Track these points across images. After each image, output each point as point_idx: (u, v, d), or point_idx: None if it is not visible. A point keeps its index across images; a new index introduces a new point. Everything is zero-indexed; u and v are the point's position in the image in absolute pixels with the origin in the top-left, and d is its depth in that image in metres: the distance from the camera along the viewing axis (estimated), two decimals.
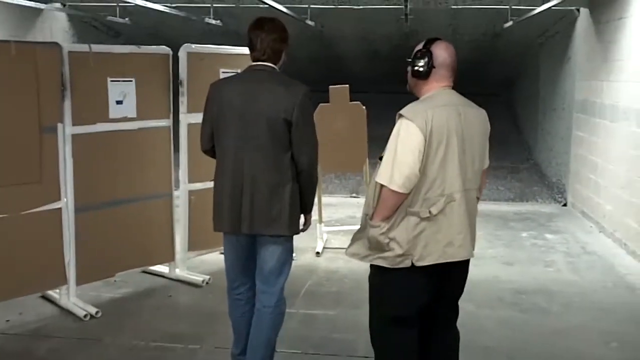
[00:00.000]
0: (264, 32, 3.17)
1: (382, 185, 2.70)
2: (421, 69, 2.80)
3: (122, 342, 3.92)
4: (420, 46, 2.85)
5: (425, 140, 2.66)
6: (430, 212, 2.69)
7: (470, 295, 4.78)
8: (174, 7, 7.82)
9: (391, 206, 2.71)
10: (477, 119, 2.85)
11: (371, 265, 2.87)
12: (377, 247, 2.76)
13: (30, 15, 8.32)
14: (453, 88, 2.86)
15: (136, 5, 7.23)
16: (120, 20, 8.58)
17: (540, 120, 9.65)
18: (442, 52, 2.81)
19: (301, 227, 3.34)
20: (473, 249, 2.90)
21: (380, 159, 2.75)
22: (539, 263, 5.75)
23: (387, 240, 2.73)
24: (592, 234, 6.75)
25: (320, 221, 6.02)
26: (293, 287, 4.64)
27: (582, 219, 7.31)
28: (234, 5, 8.15)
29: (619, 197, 6.20)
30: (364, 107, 5.76)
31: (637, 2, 5.85)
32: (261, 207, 3.12)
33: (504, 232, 6.79)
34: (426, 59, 2.79)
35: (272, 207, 3.12)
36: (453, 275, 2.88)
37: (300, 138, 3.13)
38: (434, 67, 2.79)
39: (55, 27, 8.94)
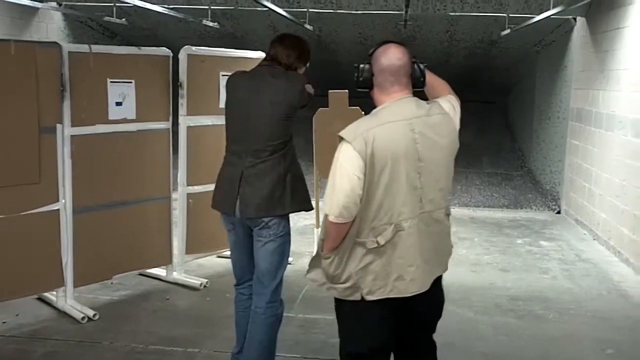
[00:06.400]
0: (281, 46, 3.31)
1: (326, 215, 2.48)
2: (360, 79, 2.52)
3: (120, 345, 3.89)
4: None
5: (366, 165, 2.37)
6: (377, 242, 2.44)
7: (467, 302, 4.84)
8: (171, 9, 7.79)
9: (334, 236, 2.49)
10: (440, 128, 2.53)
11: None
12: (329, 278, 2.57)
13: (25, 14, 8.28)
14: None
15: (134, 5, 7.20)
16: (117, 20, 8.56)
17: (535, 128, 9.70)
18: (381, 57, 2.49)
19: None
20: (444, 269, 2.67)
21: None
22: (534, 270, 5.78)
23: (337, 272, 2.52)
24: (586, 241, 6.78)
25: (317, 225, 6.00)
26: (291, 291, 4.64)
27: (576, 227, 7.34)
28: (232, 7, 8.14)
29: (614, 206, 6.24)
30: (363, 113, 5.75)
31: (635, 12, 5.89)
32: (260, 196, 3.17)
33: (499, 238, 6.81)
34: (362, 67, 2.52)
35: (272, 196, 3.18)
36: (418, 305, 2.59)
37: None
38: (373, 75, 2.50)
39: (51, 26, 8.90)
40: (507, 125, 11.99)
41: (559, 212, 8.09)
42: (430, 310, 2.72)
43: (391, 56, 2.48)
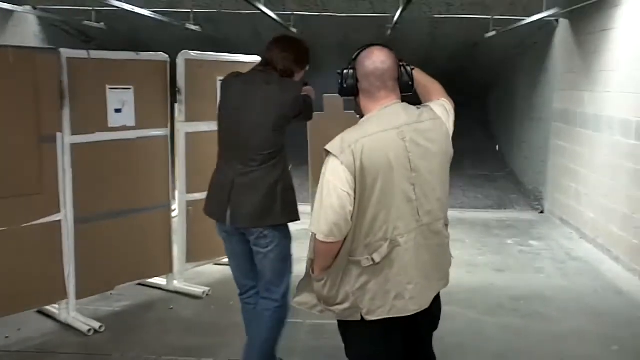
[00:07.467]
0: (277, 48, 3.22)
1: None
2: (345, 85, 2.42)
3: (133, 357, 3.81)
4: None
5: (355, 179, 2.24)
6: (372, 259, 2.31)
7: (471, 303, 4.87)
8: (154, 12, 7.69)
9: (325, 256, 2.34)
10: (432, 134, 2.38)
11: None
12: (323, 300, 2.43)
13: (0, 18, 8.08)
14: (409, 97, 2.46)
15: (114, 9, 7.07)
16: (96, 25, 8.41)
17: (516, 130, 9.82)
18: (365, 60, 2.37)
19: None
20: (446, 283, 2.55)
21: None
22: (529, 269, 5.85)
23: (332, 293, 2.38)
24: (573, 240, 6.89)
25: None
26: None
27: (562, 226, 7.45)
28: (215, 10, 8.07)
29: (602, 205, 6.35)
30: (358, 116, 5.74)
31: (622, 15, 6.01)
32: (251, 206, 3.13)
33: (490, 239, 6.87)
34: (346, 72, 2.41)
35: (263, 207, 3.13)
36: (418, 321, 2.48)
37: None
38: (358, 80, 2.38)
39: (27, 30, 8.71)
40: (487, 127, 12.14)
41: (542, 212, 8.20)
42: (428, 325, 2.62)
43: (375, 59, 2.36)
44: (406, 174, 2.31)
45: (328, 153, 2.30)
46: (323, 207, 2.27)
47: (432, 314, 2.56)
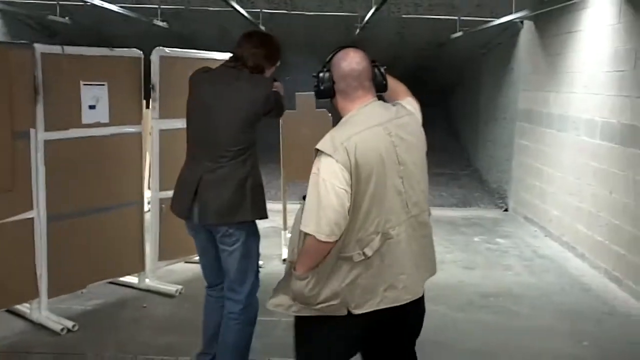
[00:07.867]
0: (248, 44, 3.20)
1: (306, 234, 2.29)
2: (322, 87, 2.46)
3: (108, 356, 3.77)
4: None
5: (351, 176, 2.27)
6: (364, 254, 2.32)
7: (442, 300, 4.94)
8: (122, 7, 7.58)
9: (318, 256, 2.32)
10: (410, 128, 2.47)
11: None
12: (303, 299, 2.37)
13: None
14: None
15: (83, 3, 6.94)
16: (60, 19, 8.25)
17: (480, 129, 9.98)
18: (342, 62, 2.43)
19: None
20: (433, 272, 2.56)
21: (304, 198, 2.35)
22: (497, 267, 5.96)
23: (314, 292, 2.33)
24: (538, 238, 7.04)
25: (285, 228, 5.99)
26: (266, 295, 4.58)
27: (526, 224, 7.61)
28: (183, 7, 8.00)
29: (567, 203, 6.50)
30: (330, 115, 5.77)
31: (587, 18, 6.16)
32: (219, 202, 3.11)
33: (457, 237, 6.98)
34: (322, 75, 2.45)
35: (232, 203, 3.12)
36: (409, 314, 2.48)
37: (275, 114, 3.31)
38: (334, 82, 2.44)
39: None
40: (450, 126, 12.30)
41: (506, 210, 8.36)
42: (418, 318, 2.61)
43: (351, 61, 2.42)
44: (395, 167, 2.36)
45: (319, 152, 2.30)
46: (322, 207, 2.26)
47: (421, 308, 2.58)
